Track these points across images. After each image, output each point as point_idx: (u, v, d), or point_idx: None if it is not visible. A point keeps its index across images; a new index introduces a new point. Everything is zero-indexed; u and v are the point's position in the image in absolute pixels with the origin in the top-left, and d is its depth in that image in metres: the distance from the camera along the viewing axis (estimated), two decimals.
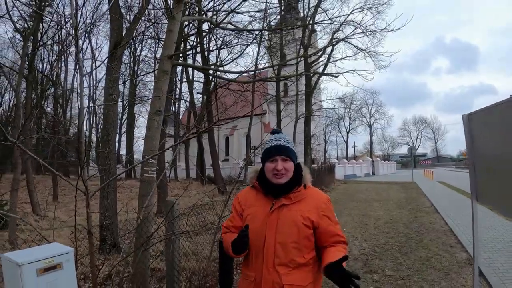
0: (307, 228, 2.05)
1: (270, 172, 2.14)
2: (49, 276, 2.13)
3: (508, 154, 2.71)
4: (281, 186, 2.12)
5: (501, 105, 2.75)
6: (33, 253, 2.20)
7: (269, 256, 2.05)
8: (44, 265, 2.11)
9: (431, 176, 30.97)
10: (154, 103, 4.67)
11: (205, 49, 19.56)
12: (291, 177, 2.14)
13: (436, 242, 7.72)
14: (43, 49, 23.67)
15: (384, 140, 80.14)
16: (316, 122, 38.73)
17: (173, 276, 4.21)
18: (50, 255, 2.18)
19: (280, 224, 2.07)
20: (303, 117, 23.91)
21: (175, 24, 5.16)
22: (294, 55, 23.43)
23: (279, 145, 2.16)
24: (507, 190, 2.79)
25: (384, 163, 52.57)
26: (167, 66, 4.81)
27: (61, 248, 2.33)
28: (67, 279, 2.23)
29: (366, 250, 7.39)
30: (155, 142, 4.55)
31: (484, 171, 3.45)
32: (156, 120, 4.58)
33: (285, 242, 2.04)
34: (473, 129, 3.59)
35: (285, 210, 2.09)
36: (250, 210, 2.21)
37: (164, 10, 14.59)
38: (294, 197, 2.12)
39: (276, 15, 21.46)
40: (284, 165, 2.11)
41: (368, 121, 66.25)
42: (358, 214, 12.20)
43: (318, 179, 19.56)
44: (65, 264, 2.23)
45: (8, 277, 2.12)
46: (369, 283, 5.45)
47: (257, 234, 2.09)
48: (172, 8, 5.41)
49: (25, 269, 2.02)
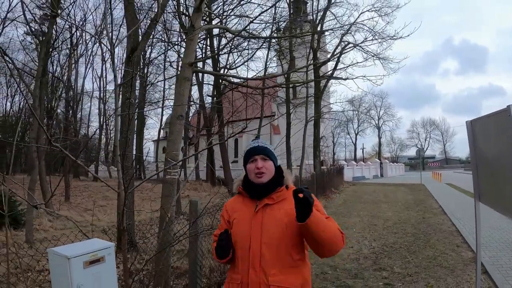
0: (292, 226, 2.01)
1: (252, 173, 2.18)
2: (93, 268, 2.31)
3: (502, 157, 3.00)
4: (264, 187, 2.15)
5: (497, 114, 3.03)
6: (79, 247, 2.38)
7: (255, 256, 2.04)
8: (89, 258, 2.29)
9: (439, 178, 31.00)
10: (176, 108, 4.97)
11: (216, 52, 19.86)
12: (272, 177, 2.18)
13: (443, 242, 7.96)
14: (54, 52, 24.10)
15: (393, 142, 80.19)
16: (325, 124, 38.82)
17: (196, 272, 4.44)
18: (94, 249, 2.36)
19: (265, 223, 2.07)
20: (312, 120, 24.09)
21: (195, 33, 5.47)
22: (303, 58, 23.72)
23: (257, 146, 2.22)
24: (502, 190, 3.08)
25: (393, 165, 52.61)
26: (188, 73, 5.11)
27: (103, 243, 2.52)
28: (108, 271, 2.42)
29: (375, 249, 7.64)
30: (177, 146, 4.85)
31: (485, 173, 3.73)
32: (178, 125, 4.89)
33: (270, 242, 2.03)
34: (475, 134, 3.87)
35: (269, 210, 2.11)
36: (236, 214, 2.23)
37: (177, 15, 14.92)
38: (276, 197, 2.14)
39: (285, 19, 21.73)
40: (263, 163, 2.16)
41: (377, 123, 66.30)
42: (367, 215, 12.44)
43: (327, 181, 19.81)
44: (107, 257, 2.41)
45: (56, 269, 2.31)
46: (378, 279, 5.72)
47: (243, 236, 2.11)
48: (191, 17, 5.70)
49: (73, 262, 2.19)
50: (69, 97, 26.36)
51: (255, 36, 10.10)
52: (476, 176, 4.00)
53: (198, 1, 5.49)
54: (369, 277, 5.85)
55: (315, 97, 23.95)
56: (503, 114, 2.93)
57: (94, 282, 2.31)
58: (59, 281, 2.28)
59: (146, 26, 16.19)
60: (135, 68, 8.85)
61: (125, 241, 3.35)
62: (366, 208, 14.22)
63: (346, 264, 6.61)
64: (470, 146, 4.06)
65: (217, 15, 17.68)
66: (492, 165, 3.46)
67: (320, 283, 5.64)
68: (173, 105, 5.14)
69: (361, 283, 5.61)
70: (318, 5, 23.93)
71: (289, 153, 24.05)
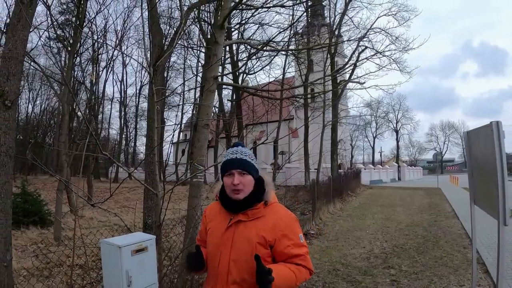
0: (262, 247, 1.93)
1: (228, 188, 2.03)
2: (139, 256, 2.70)
3: (487, 165, 3.48)
4: (239, 202, 2.01)
5: (485, 127, 3.50)
6: (126, 239, 2.79)
7: (223, 273, 1.97)
8: (136, 247, 2.69)
9: (456, 182, 31.01)
10: (203, 117, 5.51)
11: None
12: (250, 192, 2.03)
13: (451, 244, 8.35)
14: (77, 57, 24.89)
15: (411, 145, 79.56)
16: (343, 128, 39.08)
17: None
18: (140, 240, 2.76)
19: (235, 240, 1.98)
20: (330, 124, 24.46)
21: (219, 48, 5.99)
22: (321, 61, 24.11)
23: (235, 158, 2.04)
24: (488, 194, 3.55)
25: (410, 168, 52.35)
26: (213, 86, 5.64)
27: (146, 235, 2.93)
28: (150, 259, 2.82)
29: (386, 249, 8.08)
30: (203, 151, 5.40)
31: (478, 178, 4.19)
32: (204, 133, 5.43)
33: (238, 260, 1.94)
34: (471, 144, 4.33)
35: (242, 227, 1.99)
36: (211, 224, 2.16)
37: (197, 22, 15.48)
38: (251, 214, 2.01)
39: (303, 23, 22.20)
40: (241, 179, 1.99)
41: (395, 126, 66.05)
42: (381, 218, 12.82)
43: (344, 184, 20.15)
44: (150, 247, 2.81)
45: (108, 257, 2.71)
46: (386, 276, 6.18)
47: (213, 250, 2.06)
48: (215, 34, 6.22)
49: (123, 250, 2.59)
50: (92, 100, 27.11)
51: (274, 49, 10.60)
52: (471, 181, 4.47)
53: (222, 19, 6.02)
54: (378, 274, 6.31)
55: (332, 101, 24.31)
56: (488, 128, 3.39)
57: (139, 267, 2.72)
58: (111, 267, 2.71)
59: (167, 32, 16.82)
60: (160, 76, 9.41)
61: (160, 236, 3.85)
62: (381, 211, 14.58)
63: (358, 263, 7.07)
64: (467, 154, 4.53)
65: (234, 26, 18.23)
66: (483, 170, 3.91)
67: (332, 279, 6.12)
68: (200, 113, 5.66)
69: (369, 279, 6.07)
70: (335, 9, 24.29)
71: (307, 157, 24.47)
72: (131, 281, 2.64)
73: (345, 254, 7.70)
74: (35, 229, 11.12)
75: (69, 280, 6.07)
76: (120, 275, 2.61)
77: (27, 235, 10.28)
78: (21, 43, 3.96)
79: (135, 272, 2.68)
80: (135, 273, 2.67)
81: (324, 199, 14.13)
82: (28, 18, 4.01)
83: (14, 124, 3.96)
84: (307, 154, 24.45)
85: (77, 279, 5.87)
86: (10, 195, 3.85)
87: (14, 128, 3.94)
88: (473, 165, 4.35)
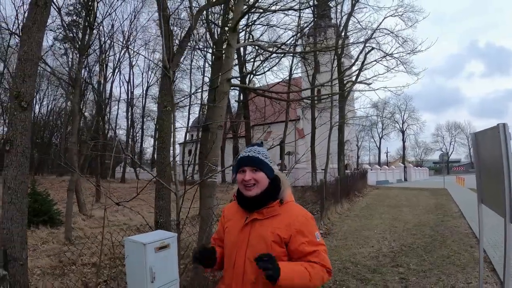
0: (277, 245, 1.93)
1: (240, 184, 2.06)
2: (162, 253, 2.87)
3: (494, 166, 3.61)
4: (254, 200, 2.02)
5: (492, 129, 3.63)
6: (150, 236, 2.95)
7: (239, 272, 1.98)
8: (159, 244, 2.86)
9: (462, 182, 30.97)
10: (216, 119, 5.67)
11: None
12: (264, 189, 2.03)
13: (458, 243, 8.46)
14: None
15: (417, 146, 79.27)
16: (350, 129, 39.08)
17: None
18: (163, 238, 2.93)
19: (251, 239, 1.99)
20: (337, 125, 24.53)
21: (231, 51, 6.15)
22: (328, 63, 24.19)
23: (248, 155, 2.07)
24: (495, 193, 3.68)
25: (417, 169, 52.19)
26: (226, 88, 5.81)
27: (167, 233, 3.11)
28: (172, 256, 3.01)
29: (394, 248, 8.20)
30: (217, 152, 5.56)
31: (485, 178, 4.32)
32: (218, 134, 5.59)
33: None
34: (478, 144, 4.46)
35: (258, 225, 2.00)
36: (228, 223, 2.17)
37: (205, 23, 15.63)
38: (266, 212, 2.01)
39: (309, 24, 22.30)
40: (253, 175, 2.01)
41: (401, 127, 65.89)
42: (388, 218, 12.92)
43: (351, 184, 20.25)
44: (172, 245, 2.99)
45: (133, 254, 2.85)
46: (395, 274, 6.31)
47: (230, 248, 2.06)
48: (228, 37, 6.39)
49: (148, 247, 2.74)
50: (100, 100, 27.30)
51: (284, 52, 10.75)
52: (479, 181, 4.60)
53: (234, 23, 6.18)
54: (387, 272, 6.45)
55: (339, 102, 24.39)
56: (495, 129, 3.52)
57: (162, 263, 2.89)
58: (135, 264, 2.86)
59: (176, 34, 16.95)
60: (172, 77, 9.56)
61: (179, 234, 4.00)
62: (388, 211, 14.67)
63: (367, 261, 7.21)
64: (474, 154, 4.66)
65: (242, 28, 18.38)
66: (490, 171, 4.03)
67: (342, 277, 6.26)
68: (212, 117, 5.83)
69: (379, 277, 6.21)
70: (342, 9, 24.36)
71: (314, 157, 24.55)
72: (155, 277, 2.79)
73: (354, 253, 7.84)
74: (45, 228, 11.27)
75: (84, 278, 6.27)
76: (144, 272, 2.76)
77: (37, 235, 10.42)
78: (36, 45, 4.01)
79: (158, 269, 2.84)
80: (158, 270, 2.82)
81: (332, 199, 14.26)
82: (43, 20, 4.10)
83: (30, 125, 4.00)
84: (314, 155, 24.53)
85: (92, 277, 6.04)
86: (25, 194, 3.90)
87: (30, 129, 3.98)
88: (481, 165, 4.47)
